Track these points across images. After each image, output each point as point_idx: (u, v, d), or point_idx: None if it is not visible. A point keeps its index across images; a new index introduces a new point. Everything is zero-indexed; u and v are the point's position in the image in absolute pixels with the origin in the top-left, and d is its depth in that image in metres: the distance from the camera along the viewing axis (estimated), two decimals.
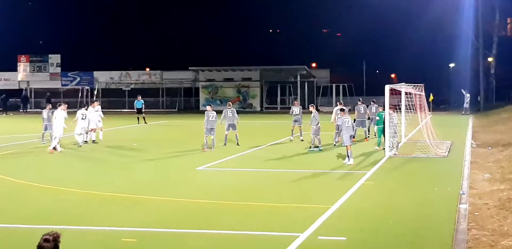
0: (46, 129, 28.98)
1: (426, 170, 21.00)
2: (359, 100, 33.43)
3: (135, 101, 45.06)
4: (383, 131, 25.54)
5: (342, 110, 24.36)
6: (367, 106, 31.69)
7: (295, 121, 29.72)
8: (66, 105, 27.79)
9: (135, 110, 44.37)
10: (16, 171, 20.98)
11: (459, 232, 12.19)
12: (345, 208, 14.55)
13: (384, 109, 25.84)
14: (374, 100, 33.77)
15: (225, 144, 27.89)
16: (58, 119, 26.16)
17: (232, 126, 28.00)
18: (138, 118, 43.05)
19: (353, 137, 24.05)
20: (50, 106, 30.64)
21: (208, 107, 27.01)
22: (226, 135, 28.15)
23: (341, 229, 12.51)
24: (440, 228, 12.64)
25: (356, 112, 31.13)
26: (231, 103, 30.24)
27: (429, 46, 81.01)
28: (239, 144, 28.06)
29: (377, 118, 26.95)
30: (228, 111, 28.06)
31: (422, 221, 13.22)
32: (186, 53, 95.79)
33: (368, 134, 31.30)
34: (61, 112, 26.59)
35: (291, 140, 30.01)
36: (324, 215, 13.58)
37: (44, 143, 28.85)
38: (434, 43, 78.91)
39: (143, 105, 44.07)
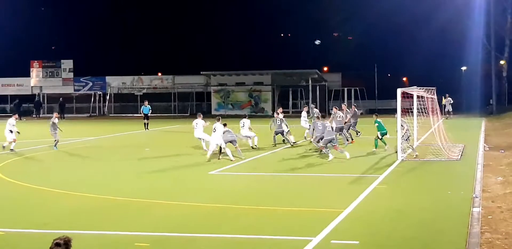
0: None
1: (439, 174, 20.94)
2: (335, 107, 33.37)
3: (142, 107, 44.77)
4: (384, 135, 27.10)
5: (319, 117, 26.17)
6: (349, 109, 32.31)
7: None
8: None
9: (142, 116, 44.08)
10: (29, 176, 21.09)
11: (472, 236, 12.15)
12: (357, 212, 14.53)
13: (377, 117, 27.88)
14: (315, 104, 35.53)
15: (274, 145, 29.91)
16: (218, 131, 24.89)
17: (281, 133, 29.72)
18: (145, 124, 42.59)
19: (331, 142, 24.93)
20: (57, 114, 31.29)
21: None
22: (274, 136, 30.13)
23: (354, 233, 12.50)
24: (453, 231, 12.61)
25: (331, 118, 30.47)
26: (279, 112, 30.95)
27: (440, 49, 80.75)
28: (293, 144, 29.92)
29: (376, 124, 27.15)
30: (277, 120, 29.69)
31: (435, 225, 13.19)
32: (198, 57, 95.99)
33: (350, 138, 31.29)
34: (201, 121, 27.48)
35: None
36: (337, 219, 13.58)
37: (55, 149, 29.02)
38: (445, 46, 78.62)
39: (150, 110, 43.75)
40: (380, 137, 27.16)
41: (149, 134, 39.83)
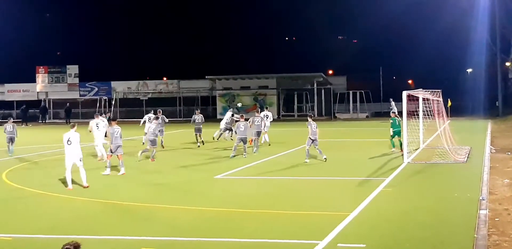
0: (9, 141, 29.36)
1: (445, 176, 20.91)
2: (257, 111, 33.05)
3: None
4: (397, 134, 27.20)
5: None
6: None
7: None
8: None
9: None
10: (36, 182, 21.12)
11: (479, 238, 12.11)
12: (364, 215, 14.51)
13: (396, 115, 28.03)
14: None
15: None
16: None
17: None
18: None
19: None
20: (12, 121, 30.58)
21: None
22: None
23: (360, 236, 12.47)
24: (460, 234, 12.58)
25: (251, 123, 29.17)
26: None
27: (446, 51, 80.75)
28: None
29: (391, 121, 27.51)
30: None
31: (442, 227, 13.15)
32: (203, 62, 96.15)
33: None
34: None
35: None
36: (343, 222, 13.56)
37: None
38: (451, 48, 78.61)
39: None
40: (392, 135, 27.34)
41: None
